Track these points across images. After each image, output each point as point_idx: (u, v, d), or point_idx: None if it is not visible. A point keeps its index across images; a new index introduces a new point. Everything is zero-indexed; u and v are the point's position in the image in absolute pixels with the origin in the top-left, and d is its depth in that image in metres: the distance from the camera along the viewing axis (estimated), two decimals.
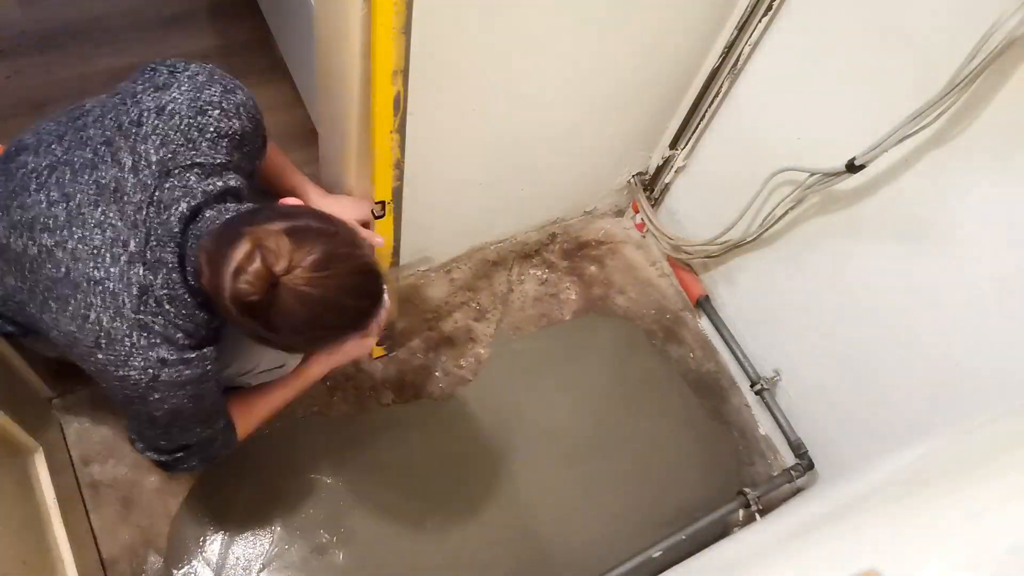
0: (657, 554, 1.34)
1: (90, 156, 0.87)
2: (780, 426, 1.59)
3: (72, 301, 0.84)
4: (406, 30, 0.93)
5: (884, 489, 1.04)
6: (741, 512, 1.44)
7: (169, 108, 0.89)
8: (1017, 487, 0.70)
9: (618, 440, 1.58)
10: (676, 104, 1.65)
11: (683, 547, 1.37)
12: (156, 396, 0.88)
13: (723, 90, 1.52)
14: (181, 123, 0.88)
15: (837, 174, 1.28)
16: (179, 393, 0.89)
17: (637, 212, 1.90)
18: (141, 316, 0.84)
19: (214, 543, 1.27)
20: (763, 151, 1.47)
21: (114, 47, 1.80)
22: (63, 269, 0.85)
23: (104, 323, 0.84)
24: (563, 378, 1.64)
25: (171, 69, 0.94)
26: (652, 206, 1.84)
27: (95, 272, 0.84)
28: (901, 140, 1.14)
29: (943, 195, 1.17)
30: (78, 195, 0.86)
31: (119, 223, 0.85)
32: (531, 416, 1.56)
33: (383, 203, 1.15)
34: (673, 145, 1.71)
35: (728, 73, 1.48)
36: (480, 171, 1.50)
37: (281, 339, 0.82)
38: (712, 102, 1.55)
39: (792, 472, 1.52)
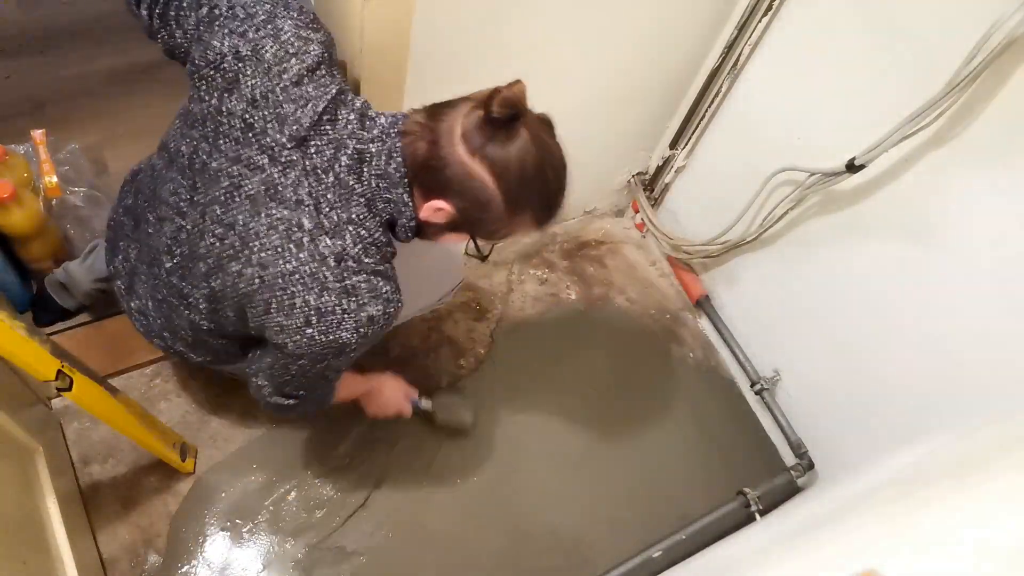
0: (657, 554, 1.34)
1: (226, 184, 0.89)
2: (780, 426, 1.59)
3: (275, 301, 0.87)
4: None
5: (884, 489, 1.04)
6: (741, 512, 1.44)
7: (258, 95, 0.87)
8: (1017, 487, 0.70)
9: (617, 440, 1.58)
10: (676, 104, 1.65)
11: (683, 547, 1.37)
12: (350, 352, 0.91)
13: (723, 90, 1.52)
14: (279, 95, 0.86)
15: (837, 174, 1.28)
16: (364, 342, 0.91)
17: (637, 212, 1.90)
18: (345, 282, 0.86)
19: (214, 543, 1.27)
20: (763, 151, 1.47)
21: (114, 47, 1.80)
22: (256, 281, 0.87)
23: (311, 302, 0.86)
24: (563, 378, 1.64)
25: (218, 63, 0.88)
26: (652, 206, 1.84)
27: (286, 266, 0.86)
28: (901, 140, 1.15)
29: (943, 195, 1.18)
30: (239, 216, 0.88)
31: (285, 212, 0.86)
32: (530, 416, 1.56)
33: None
34: (673, 145, 1.71)
35: (728, 73, 1.48)
36: None
37: (512, 198, 0.84)
38: (712, 102, 1.56)
39: (792, 472, 1.52)
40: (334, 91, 0.88)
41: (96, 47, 1.79)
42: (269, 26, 0.87)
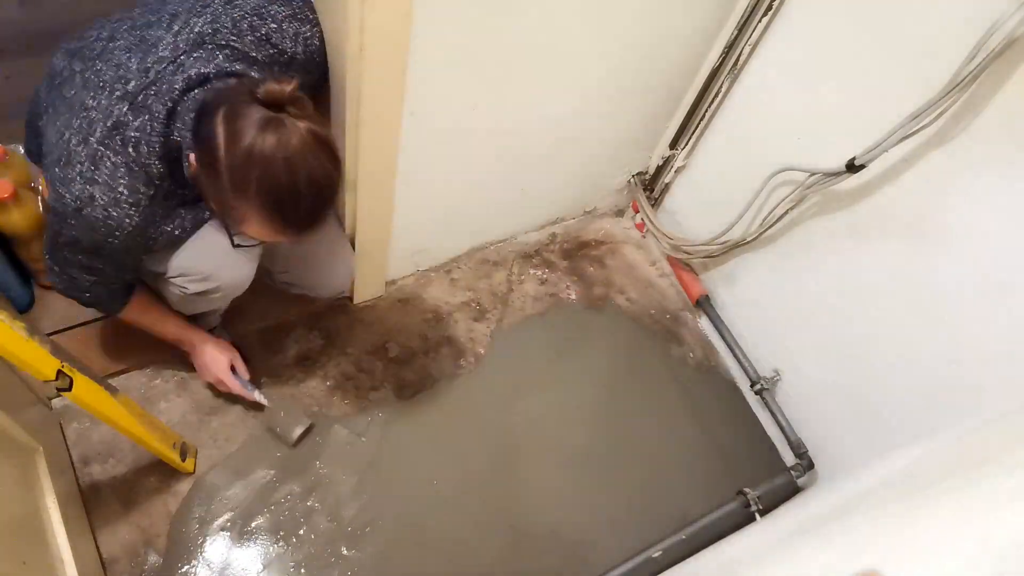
0: (657, 554, 1.34)
1: (153, 19, 0.97)
2: (780, 426, 1.59)
3: (60, 119, 0.93)
4: None
5: (884, 489, 1.04)
6: (741, 512, 1.44)
7: (237, 2, 0.99)
8: (1017, 487, 0.70)
9: (617, 440, 1.58)
10: (676, 104, 1.65)
11: (683, 547, 1.37)
12: (71, 222, 0.94)
13: (723, 90, 1.52)
14: (237, 13, 0.97)
15: (837, 174, 1.28)
16: (88, 234, 0.95)
17: (637, 212, 1.90)
18: (101, 148, 0.90)
19: (214, 543, 1.27)
20: (763, 151, 1.47)
21: None
22: (72, 92, 0.93)
23: (72, 144, 0.90)
24: (563, 378, 1.64)
25: None
26: (652, 206, 1.84)
27: (89, 100, 0.91)
28: (901, 140, 1.15)
29: (943, 195, 1.18)
30: (120, 40, 0.95)
31: (134, 67, 0.92)
32: (531, 416, 1.56)
33: None
34: (673, 145, 1.71)
35: (728, 73, 1.48)
36: (480, 171, 1.50)
37: (236, 173, 0.85)
38: (712, 102, 1.56)
39: (792, 472, 1.52)
40: (259, 58, 0.99)
41: None
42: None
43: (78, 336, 1.40)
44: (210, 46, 0.94)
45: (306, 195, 0.88)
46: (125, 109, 0.90)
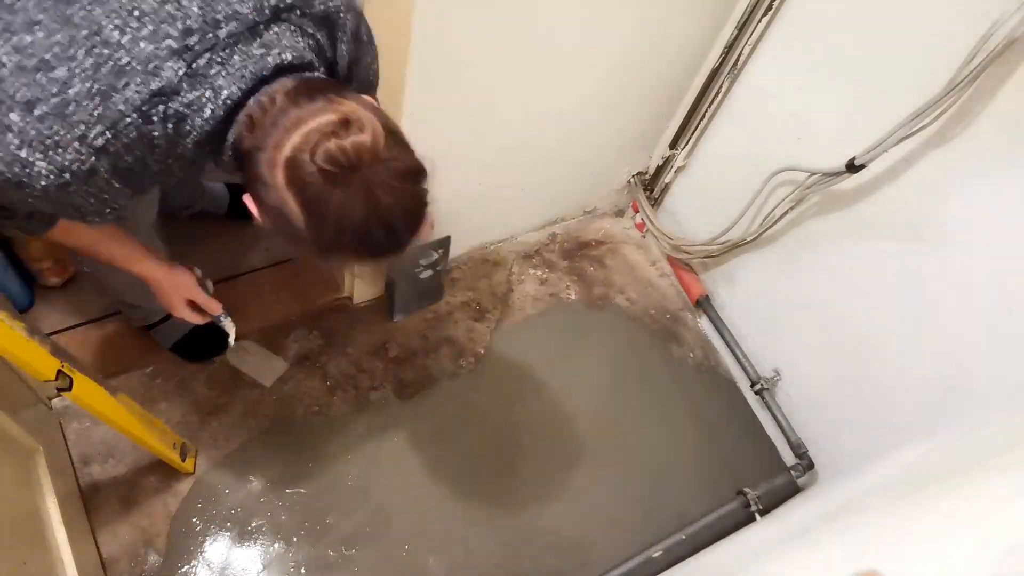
0: (657, 554, 1.34)
1: None
2: (780, 426, 1.59)
3: (38, 33, 0.62)
4: None
5: (884, 489, 1.04)
6: (741, 512, 1.44)
7: None
8: (1017, 487, 0.70)
9: (617, 440, 1.58)
10: (676, 104, 1.65)
11: (683, 547, 1.37)
12: (33, 192, 0.68)
13: (723, 90, 1.52)
14: None
15: (837, 174, 1.28)
16: (46, 203, 0.71)
17: (637, 212, 1.90)
18: (130, 118, 0.65)
19: (214, 543, 1.27)
20: (763, 151, 1.47)
21: None
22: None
23: (72, 89, 0.63)
24: (563, 378, 1.64)
25: None
26: (652, 206, 1.85)
27: (112, 30, 0.63)
28: (901, 140, 1.15)
29: (943, 195, 1.18)
30: None
31: (194, 8, 0.66)
32: (530, 416, 1.56)
33: None
34: (673, 145, 1.71)
35: (728, 73, 1.48)
36: (480, 171, 1.50)
37: (323, 244, 0.69)
38: (712, 102, 1.56)
39: (792, 472, 1.52)
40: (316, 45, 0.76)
41: None
42: None
43: (78, 336, 1.40)
44: (286, 17, 0.72)
45: (402, 228, 0.73)
46: (182, 73, 0.65)
